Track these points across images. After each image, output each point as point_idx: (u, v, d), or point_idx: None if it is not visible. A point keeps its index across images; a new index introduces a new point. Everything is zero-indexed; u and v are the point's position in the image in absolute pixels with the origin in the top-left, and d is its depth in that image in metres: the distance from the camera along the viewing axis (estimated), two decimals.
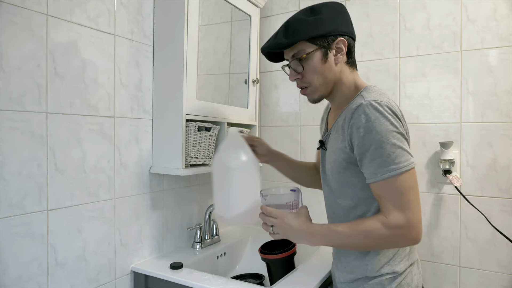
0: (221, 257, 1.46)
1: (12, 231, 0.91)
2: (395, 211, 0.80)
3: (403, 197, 0.79)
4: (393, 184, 0.80)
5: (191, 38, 1.24)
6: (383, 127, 0.79)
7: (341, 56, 0.91)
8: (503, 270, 1.31)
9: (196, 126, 1.28)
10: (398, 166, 0.79)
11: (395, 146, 0.79)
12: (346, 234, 0.84)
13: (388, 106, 0.82)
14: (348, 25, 0.92)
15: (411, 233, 0.80)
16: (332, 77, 0.92)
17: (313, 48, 0.90)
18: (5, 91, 0.88)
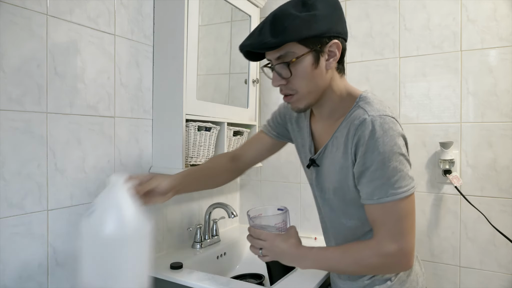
0: (221, 257, 1.46)
1: (12, 231, 0.90)
2: (388, 238, 0.76)
3: (398, 224, 0.75)
4: (390, 209, 0.75)
5: (191, 38, 1.24)
6: (387, 148, 0.73)
7: (334, 62, 0.80)
8: (503, 270, 1.31)
9: (196, 126, 1.28)
10: (397, 192, 0.74)
11: (396, 169, 0.74)
12: (337, 260, 0.81)
13: (393, 120, 0.76)
14: (343, 25, 0.81)
15: (402, 261, 0.77)
16: (322, 84, 0.81)
17: (304, 50, 0.77)
18: (5, 91, 0.88)
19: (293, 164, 1.71)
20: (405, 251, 0.76)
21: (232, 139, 1.49)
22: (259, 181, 1.81)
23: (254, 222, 0.89)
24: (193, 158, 1.31)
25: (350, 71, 1.57)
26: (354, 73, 1.56)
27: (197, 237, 1.44)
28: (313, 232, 1.64)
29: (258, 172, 1.81)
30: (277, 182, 1.75)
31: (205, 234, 1.48)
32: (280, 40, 0.74)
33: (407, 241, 0.75)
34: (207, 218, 1.49)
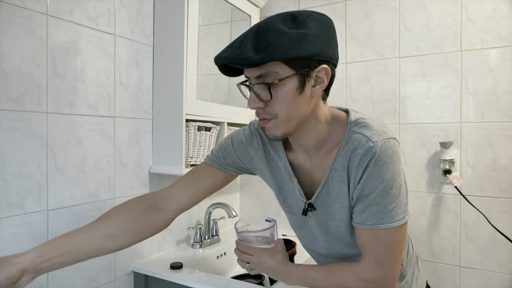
0: (221, 257, 1.46)
1: (12, 231, 0.91)
2: (374, 265, 0.73)
3: (387, 253, 0.72)
4: (382, 237, 0.71)
5: (191, 38, 1.24)
6: (389, 175, 0.68)
7: (320, 89, 0.70)
8: (503, 270, 1.31)
9: (196, 126, 1.28)
10: (392, 220, 0.70)
11: (395, 197, 0.70)
12: (321, 280, 0.79)
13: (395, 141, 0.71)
14: (334, 49, 0.72)
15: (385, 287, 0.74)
16: (304, 112, 0.71)
17: (288, 72, 0.67)
18: (5, 91, 0.88)
19: None
20: (389, 278, 0.74)
21: None
22: (259, 181, 1.81)
23: (241, 236, 0.86)
24: (193, 158, 1.31)
25: (350, 71, 1.57)
26: (354, 73, 1.56)
27: (197, 237, 1.44)
28: None
29: None
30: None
31: (205, 234, 1.48)
32: (262, 57, 0.63)
33: (393, 269, 0.73)
34: (207, 218, 1.49)
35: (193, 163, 1.31)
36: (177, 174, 1.22)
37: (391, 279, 0.74)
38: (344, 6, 1.58)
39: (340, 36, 1.59)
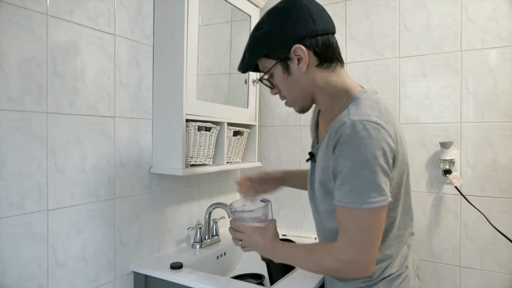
0: (221, 257, 1.46)
1: (12, 231, 0.91)
2: (347, 246, 0.74)
3: (359, 234, 0.73)
4: (354, 216, 0.73)
5: (191, 38, 1.24)
6: (360, 156, 0.70)
7: (304, 64, 0.79)
8: (503, 270, 1.31)
9: (196, 126, 1.28)
10: (364, 201, 0.70)
11: (368, 179, 0.70)
12: (301, 259, 0.84)
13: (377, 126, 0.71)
14: (305, 24, 0.79)
15: (358, 270, 0.76)
16: (303, 87, 0.82)
17: (271, 63, 0.82)
18: (5, 91, 0.88)
19: (293, 164, 1.71)
20: (362, 262, 0.74)
21: (232, 139, 1.49)
22: None
23: (235, 216, 0.92)
24: (193, 158, 1.31)
25: (350, 71, 1.57)
26: (354, 73, 1.56)
27: (197, 237, 1.44)
28: (313, 232, 1.64)
29: None
30: None
31: (205, 234, 1.48)
32: (247, 62, 0.85)
33: (364, 253, 0.73)
34: (207, 218, 1.49)
35: (193, 163, 1.31)
36: (177, 174, 1.22)
37: (364, 262, 0.74)
38: (344, 6, 1.58)
39: (340, 36, 1.59)
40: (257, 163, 1.64)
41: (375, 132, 0.70)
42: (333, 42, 0.83)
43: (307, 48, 0.79)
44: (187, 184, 1.49)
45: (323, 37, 0.80)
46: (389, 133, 0.72)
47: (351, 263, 0.75)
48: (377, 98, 0.80)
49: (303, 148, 1.69)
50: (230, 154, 1.50)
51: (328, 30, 0.82)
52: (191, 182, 1.52)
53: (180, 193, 1.46)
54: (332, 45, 0.82)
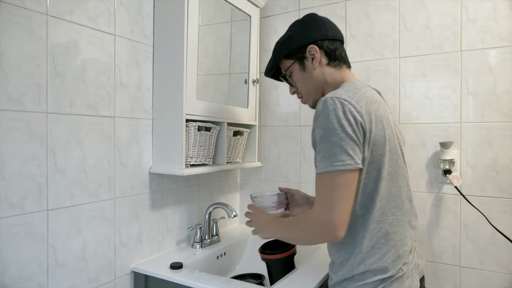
0: (221, 257, 1.46)
1: (12, 231, 0.91)
2: (320, 207, 0.82)
3: (328, 194, 0.81)
4: (325, 180, 0.82)
5: (191, 38, 1.24)
6: (329, 125, 0.81)
7: (316, 61, 0.96)
8: (503, 270, 1.31)
9: (196, 126, 1.28)
10: (332, 164, 0.80)
11: (335, 144, 0.80)
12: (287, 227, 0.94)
13: (345, 101, 0.81)
14: (318, 30, 0.97)
15: (328, 230, 0.81)
16: (316, 81, 0.98)
17: (290, 62, 1.01)
18: (5, 91, 0.88)
19: (293, 164, 1.71)
20: (330, 219, 0.80)
21: (232, 139, 1.49)
22: (259, 181, 1.81)
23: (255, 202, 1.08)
24: (193, 158, 1.31)
25: None
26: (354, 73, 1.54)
27: (197, 237, 1.44)
28: None
29: (258, 172, 1.81)
30: (277, 182, 1.75)
31: (205, 234, 1.48)
32: (272, 63, 1.05)
33: (333, 210, 0.80)
34: (207, 218, 1.49)
35: (193, 163, 1.31)
36: (177, 174, 1.22)
37: (334, 221, 0.80)
38: (344, 6, 1.58)
39: None
40: (257, 163, 1.64)
41: (342, 106, 0.81)
42: (340, 47, 0.99)
43: (319, 48, 0.96)
44: (187, 184, 1.49)
45: (332, 42, 0.98)
46: (356, 109, 0.82)
47: (323, 223, 0.81)
48: (360, 85, 0.91)
49: (303, 148, 1.69)
50: (230, 154, 1.50)
51: (338, 37, 0.99)
52: (191, 182, 1.52)
53: (180, 193, 1.46)
54: (339, 49, 0.99)
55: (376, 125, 0.84)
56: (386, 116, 0.90)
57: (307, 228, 0.86)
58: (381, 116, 0.86)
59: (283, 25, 1.71)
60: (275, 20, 1.75)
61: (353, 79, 0.98)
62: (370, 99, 0.87)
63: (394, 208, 0.88)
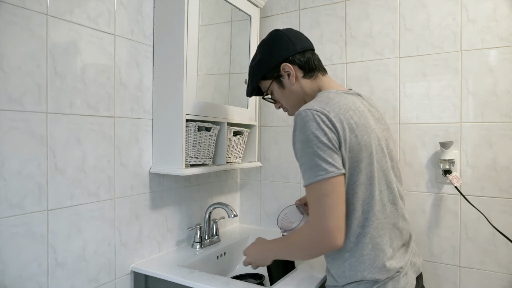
0: (221, 257, 1.46)
1: (12, 231, 0.91)
2: (313, 217, 0.84)
3: (318, 204, 0.82)
4: (312, 191, 0.83)
5: (191, 38, 1.24)
6: (304, 137, 0.83)
7: (293, 77, 0.99)
8: (503, 270, 1.31)
9: (196, 126, 1.28)
10: (315, 174, 0.82)
11: (313, 154, 0.82)
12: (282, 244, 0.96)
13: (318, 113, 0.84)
14: (286, 47, 0.99)
15: (325, 238, 0.82)
16: (296, 95, 1.01)
17: (268, 83, 1.04)
18: (5, 91, 0.88)
19: (293, 164, 1.71)
20: (325, 228, 0.81)
21: (232, 139, 1.49)
22: (259, 181, 1.81)
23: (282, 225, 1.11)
24: (193, 158, 1.31)
25: (350, 71, 1.57)
26: (354, 73, 1.56)
27: (197, 237, 1.44)
28: None
29: (258, 172, 1.81)
30: (277, 182, 1.75)
31: (205, 234, 1.48)
32: (251, 87, 1.08)
33: (327, 218, 0.81)
34: (207, 218, 1.49)
35: (193, 163, 1.31)
36: (177, 174, 1.22)
37: (325, 229, 0.81)
38: (344, 6, 1.58)
39: (340, 36, 1.59)
40: (257, 163, 1.64)
41: (314, 117, 0.84)
42: (312, 57, 1.01)
43: (292, 64, 0.99)
44: (187, 184, 1.49)
45: (303, 54, 1.00)
46: (328, 118, 0.84)
47: (318, 233, 0.83)
48: (333, 96, 0.92)
49: None
50: (230, 154, 1.50)
51: (306, 47, 1.01)
52: (191, 182, 1.52)
53: (180, 193, 1.46)
54: (311, 59, 1.01)
55: (350, 133, 0.86)
56: (363, 122, 0.90)
57: (304, 241, 0.87)
58: (355, 123, 0.88)
59: (283, 25, 1.71)
60: (275, 20, 1.75)
61: (329, 87, 0.99)
62: (343, 108, 0.88)
63: (378, 212, 0.89)
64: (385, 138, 0.98)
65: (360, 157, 0.87)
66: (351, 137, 0.86)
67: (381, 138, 0.95)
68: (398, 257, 0.91)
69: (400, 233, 0.94)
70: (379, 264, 0.87)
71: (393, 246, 0.91)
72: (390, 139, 1.02)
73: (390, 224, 0.91)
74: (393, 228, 0.92)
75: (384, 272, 0.87)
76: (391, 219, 0.92)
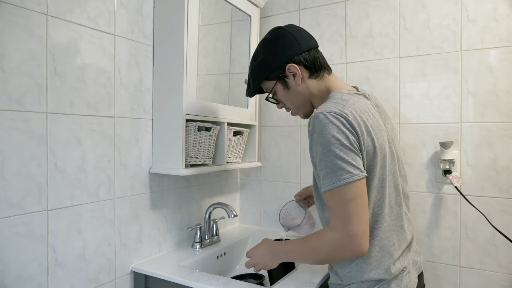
0: (221, 257, 1.46)
1: (12, 231, 0.91)
2: (337, 222, 0.81)
3: (343, 209, 0.80)
4: (336, 195, 0.81)
5: (191, 38, 1.24)
6: (325, 140, 0.80)
7: (299, 78, 0.95)
8: (503, 270, 1.31)
9: (196, 126, 1.28)
10: (339, 179, 0.79)
11: (336, 158, 0.79)
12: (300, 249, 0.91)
13: (337, 115, 0.81)
14: (292, 46, 0.95)
15: (351, 244, 0.80)
16: (302, 97, 0.98)
17: (272, 83, 1.00)
18: (5, 91, 0.88)
19: (293, 164, 1.71)
20: (351, 233, 0.79)
21: (232, 139, 1.49)
22: (259, 181, 1.81)
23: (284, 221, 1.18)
24: (193, 158, 1.31)
25: (350, 71, 1.57)
26: (354, 73, 1.56)
27: (197, 237, 1.44)
28: None
29: (258, 172, 1.81)
30: (277, 182, 1.75)
31: (205, 234, 1.48)
32: (253, 88, 1.03)
33: (352, 224, 0.79)
34: (207, 218, 1.49)
35: (193, 163, 1.31)
36: (177, 174, 1.22)
37: (352, 234, 0.79)
38: (344, 6, 1.58)
39: (340, 36, 1.59)
40: (257, 163, 1.64)
41: (334, 120, 0.81)
42: (317, 55, 0.98)
43: (298, 64, 0.95)
44: (187, 184, 1.49)
45: (308, 53, 0.96)
46: (348, 121, 0.82)
47: (344, 238, 0.80)
48: (347, 97, 0.89)
49: (303, 148, 1.69)
50: (230, 154, 1.50)
51: (311, 46, 0.97)
52: (191, 182, 1.52)
53: (180, 193, 1.46)
54: (317, 58, 0.97)
55: (368, 136, 0.85)
56: (377, 125, 0.89)
57: (328, 247, 0.84)
58: (371, 126, 0.86)
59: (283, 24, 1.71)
60: (275, 20, 1.75)
61: (338, 87, 0.96)
62: (359, 110, 0.87)
63: (386, 215, 0.89)
64: (392, 139, 0.97)
65: (375, 161, 0.86)
66: (367, 140, 0.84)
67: (390, 140, 0.95)
68: (402, 257, 0.92)
69: (405, 234, 0.94)
70: (385, 265, 0.88)
71: (399, 247, 0.91)
72: (396, 139, 1.01)
73: (397, 226, 0.92)
74: (400, 230, 0.92)
75: (389, 273, 0.88)
76: (398, 221, 0.92)
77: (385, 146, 0.89)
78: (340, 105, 0.85)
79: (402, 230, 0.93)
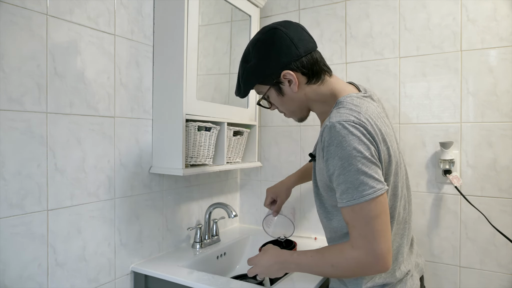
0: (221, 257, 1.46)
1: (12, 231, 0.91)
2: (360, 241, 0.76)
3: (368, 227, 0.75)
4: (358, 212, 0.75)
5: (191, 38, 1.24)
6: (345, 153, 0.74)
7: (295, 85, 0.87)
8: (503, 270, 1.31)
9: (196, 126, 1.28)
10: (361, 194, 0.74)
11: (359, 172, 0.74)
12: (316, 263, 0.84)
13: (356, 125, 0.76)
14: (289, 51, 0.85)
15: (377, 264, 0.75)
16: (298, 103, 0.92)
17: (265, 88, 0.91)
18: (5, 91, 0.88)
19: (293, 164, 1.71)
20: (377, 252, 0.75)
21: (232, 139, 1.49)
22: (259, 181, 1.81)
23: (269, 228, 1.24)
24: (193, 158, 1.31)
25: (350, 71, 1.57)
26: (354, 73, 1.56)
27: (197, 237, 1.44)
28: (313, 232, 1.64)
29: (258, 172, 1.81)
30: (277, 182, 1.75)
31: (205, 234, 1.48)
32: (243, 91, 0.94)
33: (378, 242, 0.75)
34: (207, 218, 1.49)
35: (193, 163, 1.31)
36: (177, 174, 1.22)
37: (379, 254, 0.75)
38: (344, 6, 1.58)
39: (340, 36, 1.59)
40: (257, 163, 1.64)
41: (354, 130, 0.75)
42: (316, 58, 0.89)
43: (294, 71, 0.86)
44: (187, 184, 1.49)
45: (307, 57, 0.87)
46: (367, 130, 0.76)
47: (367, 257, 0.75)
48: (359, 102, 0.83)
49: (303, 148, 1.69)
50: (230, 154, 1.50)
51: (310, 49, 0.88)
52: (191, 182, 1.52)
53: (180, 193, 1.45)
54: (316, 61, 0.88)
55: (384, 144, 0.80)
56: (388, 131, 0.85)
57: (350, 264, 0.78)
58: (385, 133, 0.82)
59: None
60: (275, 20, 1.74)
61: (344, 90, 0.89)
62: (373, 117, 0.81)
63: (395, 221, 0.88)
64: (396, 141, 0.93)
65: (390, 169, 0.82)
66: (384, 149, 0.80)
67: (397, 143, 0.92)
68: (406, 260, 0.91)
69: (408, 237, 0.94)
70: (391, 269, 0.87)
71: (403, 251, 0.91)
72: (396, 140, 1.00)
73: (402, 230, 0.91)
74: (404, 233, 0.92)
75: (394, 277, 0.87)
76: (403, 224, 0.91)
77: (396, 154, 0.85)
78: (355, 112, 0.79)
79: (406, 233, 0.92)
